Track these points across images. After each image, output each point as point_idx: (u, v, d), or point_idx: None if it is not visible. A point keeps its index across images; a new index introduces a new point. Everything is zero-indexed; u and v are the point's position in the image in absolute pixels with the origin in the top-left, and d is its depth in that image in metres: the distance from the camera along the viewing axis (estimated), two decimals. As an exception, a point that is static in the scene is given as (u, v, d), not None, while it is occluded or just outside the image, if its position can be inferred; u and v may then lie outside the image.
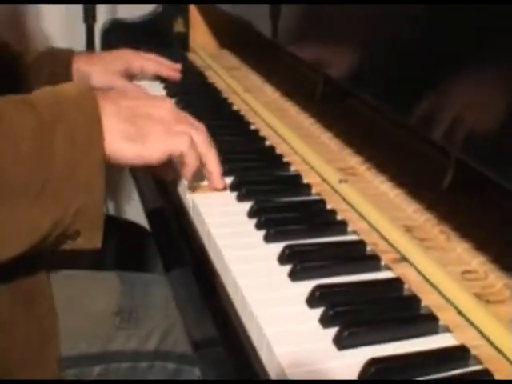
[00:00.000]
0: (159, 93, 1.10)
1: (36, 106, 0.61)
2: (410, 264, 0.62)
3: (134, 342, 0.80)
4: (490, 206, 0.71)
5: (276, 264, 0.61)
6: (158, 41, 1.43)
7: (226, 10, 1.20)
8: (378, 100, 0.71)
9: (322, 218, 0.70)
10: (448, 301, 0.56)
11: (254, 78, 1.21)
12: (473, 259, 0.62)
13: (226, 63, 1.31)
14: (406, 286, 0.58)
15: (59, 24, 1.51)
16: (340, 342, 0.50)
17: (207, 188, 0.74)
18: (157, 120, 0.67)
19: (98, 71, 1.06)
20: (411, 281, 0.59)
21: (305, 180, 0.78)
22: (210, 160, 0.71)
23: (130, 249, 1.14)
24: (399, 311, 0.55)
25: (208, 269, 0.67)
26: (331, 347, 0.50)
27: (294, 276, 0.58)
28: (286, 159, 0.84)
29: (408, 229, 0.67)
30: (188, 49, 1.44)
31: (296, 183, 0.78)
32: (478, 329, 0.53)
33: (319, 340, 0.51)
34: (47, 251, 0.68)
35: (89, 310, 0.81)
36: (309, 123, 0.96)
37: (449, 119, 0.57)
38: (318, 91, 1.08)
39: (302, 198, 0.74)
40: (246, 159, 0.83)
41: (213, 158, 0.71)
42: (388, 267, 0.61)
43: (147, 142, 0.65)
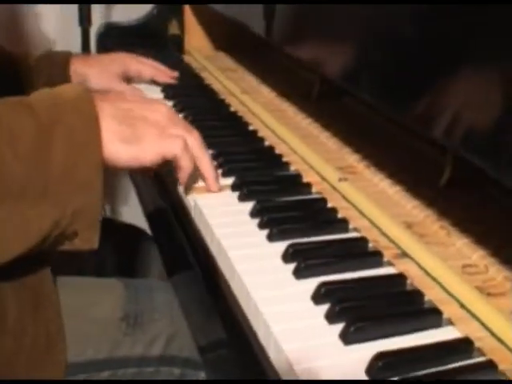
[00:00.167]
0: (156, 95, 1.11)
1: (34, 108, 0.61)
2: (412, 259, 0.63)
3: (140, 348, 0.80)
4: (488, 201, 0.72)
5: (280, 262, 0.62)
6: (153, 43, 1.44)
7: (220, 10, 1.20)
8: (374, 98, 0.71)
9: (323, 216, 0.71)
10: (450, 294, 0.58)
11: (250, 79, 1.22)
12: (473, 253, 0.63)
13: (222, 65, 1.32)
14: (408, 281, 0.59)
15: (55, 27, 1.52)
16: (346, 338, 0.51)
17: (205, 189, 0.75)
18: (152, 123, 0.68)
19: (96, 73, 1.06)
20: (413, 276, 0.60)
21: (305, 179, 0.79)
22: (204, 164, 0.73)
23: (129, 252, 1.15)
24: (403, 306, 0.56)
25: (212, 269, 0.67)
26: (338, 342, 0.51)
27: (299, 274, 0.59)
28: (285, 159, 0.85)
29: (408, 225, 0.68)
30: (183, 51, 1.45)
31: (296, 182, 0.78)
32: (480, 321, 0.54)
33: (326, 336, 0.52)
34: (51, 257, 0.69)
35: (94, 317, 0.81)
36: (306, 123, 0.97)
37: (446, 116, 0.58)
38: (314, 91, 1.09)
39: (302, 197, 0.75)
40: (246, 160, 0.84)
41: (206, 161, 0.73)
42: (390, 263, 0.62)
43: (142, 144, 0.66)
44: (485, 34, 0.53)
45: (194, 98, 1.10)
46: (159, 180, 0.92)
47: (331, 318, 0.53)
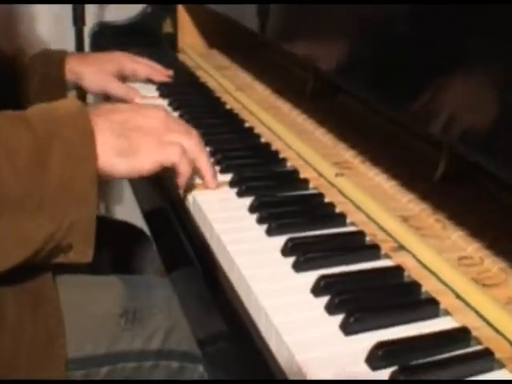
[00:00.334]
0: (152, 94, 1.12)
1: (31, 123, 0.63)
2: (408, 252, 0.64)
3: (139, 342, 0.81)
4: (483, 195, 0.73)
5: (279, 256, 0.63)
6: (147, 42, 1.45)
7: (214, 8, 1.21)
8: (368, 94, 0.72)
9: (321, 210, 0.72)
10: (446, 286, 0.59)
11: (244, 76, 1.23)
12: (468, 246, 0.64)
13: (216, 63, 1.33)
14: (405, 273, 0.61)
15: (49, 27, 1.52)
16: (346, 328, 0.52)
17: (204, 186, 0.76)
18: (148, 131, 0.69)
19: (91, 72, 1.07)
20: (410, 268, 0.61)
21: (302, 175, 0.80)
22: (202, 164, 0.74)
23: (126, 250, 1.15)
24: (401, 297, 0.57)
25: (211, 264, 0.68)
26: (338, 333, 0.52)
27: (298, 267, 0.60)
28: (282, 155, 0.86)
29: (404, 219, 0.70)
30: (177, 49, 1.46)
31: (293, 178, 0.80)
32: (476, 311, 0.55)
33: (326, 327, 0.53)
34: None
35: (94, 313, 0.82)
36: (302, 119, 0.98)
37: (441, 111, 0.59)
38: (308, 88, 1.10)
39: (300, 193, 0.76)
40: (243, 156, 0.85)
41: (204, 161, 0.74)
42: (387, 256, 0.63)
43: (139, 156, 0.67)
44: (480, 29, 0.54)
45: (190, 96, 1.11)
46: (156, 177, 0.93)
47: (331, 309, 0.54)
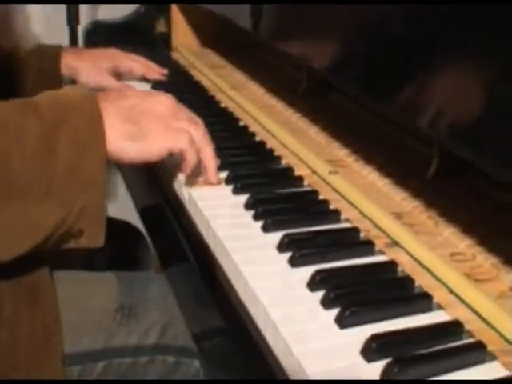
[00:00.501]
0: (147, 92, 1.13)
1: (39, 109, 0.63)
2: (402, 248, 0.65)
3: (135, 338, 0.82)
4: (474, 192, 0.75)
5: (275, 252, 0.64)
6: (140, 41, 1.45)
7: (207, 7, 1.22)
8: (361, 91, 0.73)
9: (315, 207, 0.73)
10: (439, 281, 0.60)
11: (238, 75, 1.24)
12: (460, 242, 0.66)
13: (210, 62, 1.34)
14: (399, 268, 0.62)
15: (43, 26, 1.53)
16: (342, 322, 0.53)
17: (202, 183, 0.77)
18: (156, 117, 0.70)
19: (87, 68, 1.08)
20: (404, 264, 0.62)
21: (296, 172, 0.81)
22: (207, 155, 0.74)
23: (121, 247, 1.16)
24: (395, 291, 0.59)
25: (208, 260, 0.69)
26: (334, 326, 0.53)
27: (294, 262, 0.61)
28: (276, 153, 0.87)
29: (397, 215, 0.71)
30: (170, 48, 1.46)
31: (288, 176, 0.81)
32: (469, 305, 0.56)
33: (322, 320, 0.54)
34: (49, 256, 0.70)
35: (90, 309, 0.83)
36: (296, 118, 0.99)
37: (433, 108, 0.60)
38: (301, 87, 1.11)
39: (295, 190, 0.77)
40: (238, 154, 0.86)
41: (209, 153, 0.74)
42: (381, 252, 0.65)
43: (148, 140, 0.68)
44: (469, 26, 0.55)
45: (184, 95, 1.11)
46: (151, 174, 0.94)
47: (327, 303, 0.55)
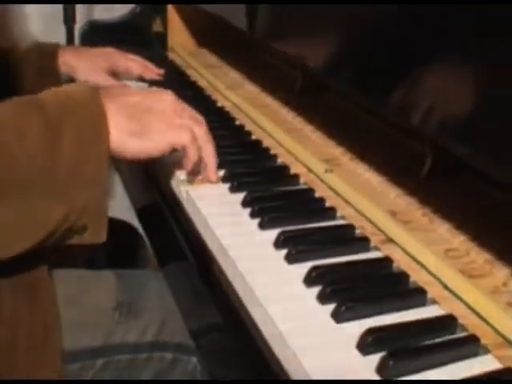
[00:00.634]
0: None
1: (43, 106, 0.63)
2: (397, 245, 0.66)
3: (133, 335, 0.82)
4: (467, 189, 0.75)
5: (272, 249, 0.64)
6: (137, 41, 1.46)
7: (203, 8, 1.23)
8: (355, 90, 0.74)
9: (311, 205, 0.74)
10: (434, 276, 0.61)
11: (234, 75, 1.25)
12: (454, 238, 0.67)
13: (206, 62, 1.35)
14: (394, 264, 0.63)
15: (40, 26, 1.53)
16: (338, 316, 0.54)
17: (200, 181, 0.78)
18: (159, 114, 0.71)
19: (85, 67, 1.08)
20: (399, 260, 0.63)
21: (292, 171, 0.82)
22: (208, 153, 0.75)
23: (119, 245, 1.17)
24: (390, 286, 0.59)
25: (206, 257, 0.70)
26: (330, 321, 0.54)
27: (290, 259, 0.62)
28: (272, 152, 0.88)
29: (393, 213, 0.72)
30: (167, 48, 1.47)
31: (284, 174, 0.82)
32: (463, 300, 0.57)
33: (318, 315, 0.55)
34: (48, 254, 0.71)
35: (89, 306, 0.84)
36: (291, 117, 1.00)
37: (428, 107, 0.61)
38: (296, 86, 1.12)
39: (291, 188, 0.78)
40: (235, 153, 0.87)
41: (210, 150, 0.75)
42: (376, 248, 0.66)
43: (151, 137, 0.69)
44: (461, 24, 0.56)
45: (181, 94, 1.12)
46: (149, 173, 0.94)
47: (323, 299, 0.56)
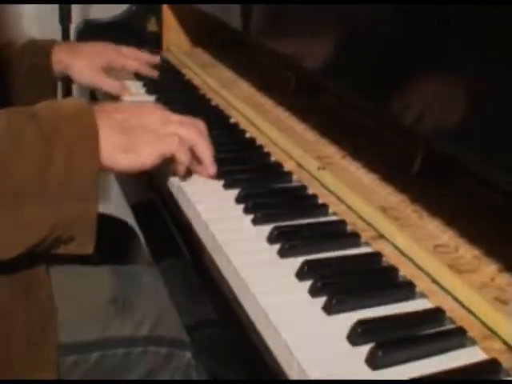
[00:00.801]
0: (138, 90, 1.15)
1: (38, 118, 0.66)
2: (387, 240, 0.67)
3: (128, 329, 0.84)
4: (456, 187, 0.77)
5: (265, 244, 0.66)
6: (132, 40, 1.46)
7: (198, 7, 1.24)
8: (347, 90, 0.75)
9: (304, 201, 0.76)
10: (423, 271, 0.62)
11: (228, 74, 1.26)
12: (443, 235, 0.68)
13: (201, 61, 1.36)
14: (384, 259, 0.64)
15: (36, 25, 1.54)
16: (329, 309, 0.55)
17: (194, 178, 0.79)
18: (147, 128, 0.73)
19: (80, 65, 1.09)
20: (389, 255, 0.65)
21: (285, 168, 0.83)
22: (202, 148, 0.76)
23: (113, 244, 1.18)
24: (379, 280, 0.61)
25: (200, 253, 0.71)
26: (321, 314, 0.55)
27: (283, 253, 0.63)
28: (266, 149, 0.89)
29: (383, 209, 0.73)
30: (162, 47, 1.48)
31: (278, 171, 0.83)
32: (451, 294, 0.59)
33: (310, 308, 0.56)
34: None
35: (85, 301, 0.85)
36: (285, 116, 1.02)
37: (417, 108, 0.62)
38: (290, 86, 1.14)
39: (284, 185, 0.79)
40: (229, 150, 0.88)
41: (205, 146, 0.76)
42: (367, 244, 0.67)
43: (140, 151, 0.71)
44: (454, 24, 0.57)
45: (176, 93, 1.14)
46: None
47: (314, 292, 0.58)
